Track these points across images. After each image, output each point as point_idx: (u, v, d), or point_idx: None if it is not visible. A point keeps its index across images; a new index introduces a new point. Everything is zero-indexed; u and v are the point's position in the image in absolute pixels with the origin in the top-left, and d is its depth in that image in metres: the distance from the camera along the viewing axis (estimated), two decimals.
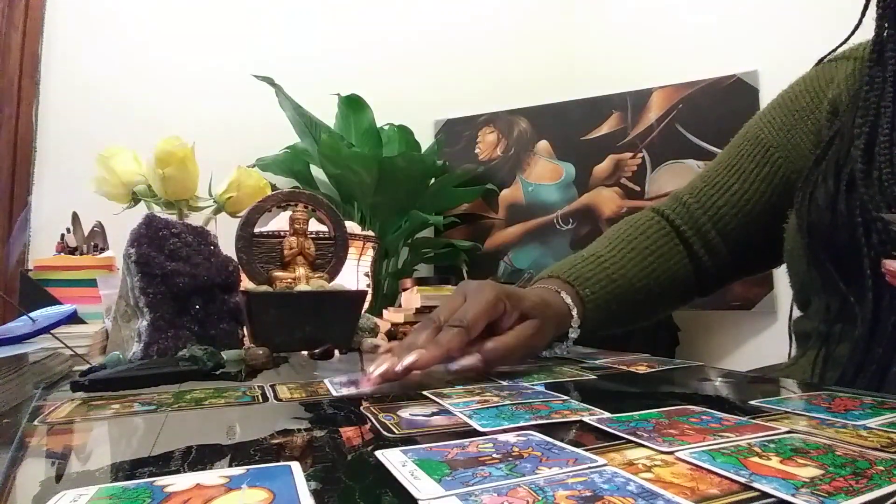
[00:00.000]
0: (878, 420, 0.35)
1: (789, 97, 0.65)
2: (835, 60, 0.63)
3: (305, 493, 0.23)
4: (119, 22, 1.64)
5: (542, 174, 1.72)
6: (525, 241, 1.72)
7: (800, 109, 0.62)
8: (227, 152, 1.26)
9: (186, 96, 1.67)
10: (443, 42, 2.01)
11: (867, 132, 0.51)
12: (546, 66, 2.07)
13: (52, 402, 0.43)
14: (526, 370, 0.56)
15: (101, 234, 0.94)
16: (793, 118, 0.62)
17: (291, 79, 1.58)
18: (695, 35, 1.77)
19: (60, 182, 1.51)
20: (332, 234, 0.77)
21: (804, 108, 0.62)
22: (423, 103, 1.90)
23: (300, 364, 0.64)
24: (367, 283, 1.04)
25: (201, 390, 0.46)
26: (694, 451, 0.28)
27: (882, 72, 0.52)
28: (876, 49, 0.53)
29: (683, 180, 1.57)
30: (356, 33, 1.91)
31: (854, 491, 0.23)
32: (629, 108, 1.62)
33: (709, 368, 0.62)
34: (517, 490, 0.23)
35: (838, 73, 0.61)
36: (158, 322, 0.61)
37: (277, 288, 0.71)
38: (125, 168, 0.96)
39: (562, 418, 0.36)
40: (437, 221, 1.67)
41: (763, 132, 0.64)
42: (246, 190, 1.00)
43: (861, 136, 0.52)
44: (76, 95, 1.57)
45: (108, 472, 0.28)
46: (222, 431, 0.36)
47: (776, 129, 0.63)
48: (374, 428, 0.35)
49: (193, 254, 0.65)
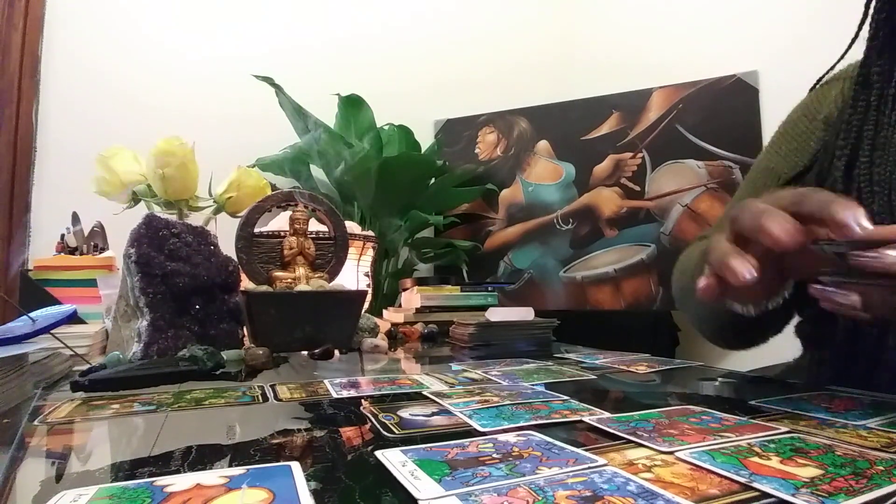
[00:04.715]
0: (878, 420, 0.35)
1: (789, 125, 0.67)
2: (826, 83, 0.64)
3: (305, 493, 0.23)
4: (119, 22, 1.64)
5: (542, 174, 1.72)
6: (525, 241, 1.71)
7: (800, 134, 0.63)
8: (227, 152, 1.25)
9: (186, 96, 1.67)
10: (443, 42, 2.01)
11: (848, 153, 0.53)
12: (546, 66, 2.07)
13: (52, 402, 0.43)
14: (526, 370, 0.56)
15: (101, 234, 0.94)
16: (796, 143, 0.63)
17: (291, 79, 1.58)
18: (695, 35, 1.77)
19: (60, 182, 1.51)
20: (332, 234, 0.77)
21: (803, 131, 0.63)
22: (423, 103, 1.90)
23: (300, 364, 0.64)
24: (367, 283, 1.04)
25: (201, 390, 0.46)
26: (694, 451, 0.28)
27: (867, 95, 0.53)
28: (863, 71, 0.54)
29: (683, 180, 1.59)
30: (356, 33, 1.91)
31: (854, 491, 0.23)
32: (629, 108, 1.62)
33: (709, 368, 0.62)
34: (517, 490, 0.23)
35: (829, 95, 0.63)
36: (158, 322, 0.61)
37: (277, 288, 0.71)
38: (125, 168, 0.96)
39: (562, 418, 0.36)
40: (437, 221, 1.67)
41: (772, 162, 0.66)
42: (246, 190, 1.00)
43: (842, 157, 0.53)
44: (76, 95, 1.57)
45: (108, 472, 0.28)
46: (222, 431, 0.36)
47: (783, 156, 0.65)
48: (374, 428, 0.35)
49: (193, 254, 0.65)
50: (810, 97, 0.65)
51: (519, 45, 2.09)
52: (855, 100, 0.54)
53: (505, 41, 2.08)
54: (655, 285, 1.52)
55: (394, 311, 1.13)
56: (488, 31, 2.07)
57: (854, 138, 0.53)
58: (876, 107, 0.52)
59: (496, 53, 2.05)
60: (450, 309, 1.08)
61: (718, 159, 1.49)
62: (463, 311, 1.07)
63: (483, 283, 1.22)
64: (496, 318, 0.84)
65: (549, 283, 1.66)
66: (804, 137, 0.62)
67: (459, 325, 0.87)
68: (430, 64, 1.97)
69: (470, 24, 2.06)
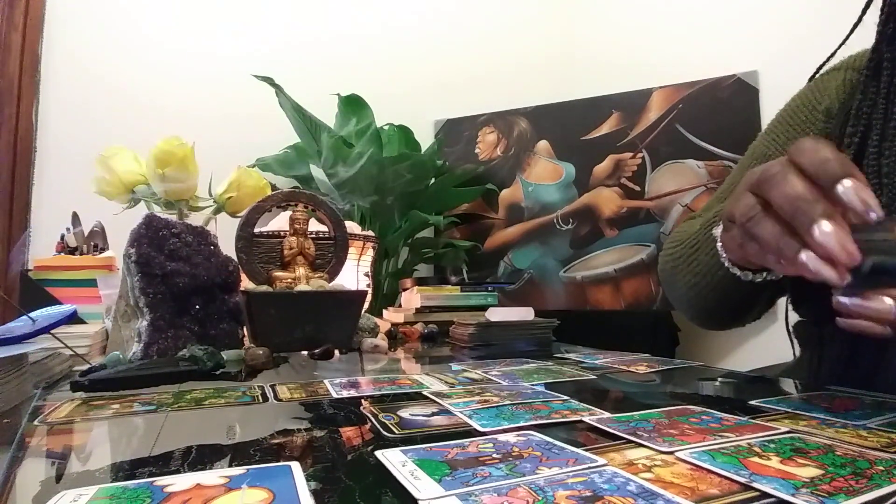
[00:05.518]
0: (878, 420, 0.35)
1: (787, 113, 0.66)
2: (826, 73, 0.64)
3: (305, 493, 0.23)
4: (119, 21, 1.64)
5: (542, 174, 1.72)
6: (525, 241, 1.72)
7: (799, 123, 0.63)
8: (227, 152, 1.25)
9: (187, 96, 1.67)
10: (443, 42, 2.01)
11: (857, 142, 0.52)
12: (546, 66, 2.07)
13: (52, 402, 0.43)
14: (526, 370, 0.56)
15: (101, 234, 0.94)
16: (794, 132, 0.63)
17: (291, 79, 1.58)
18: (695, 35, 1.77)
19: (60, 182, 1.51)
20: (332, 234, 0.77)
21: (803, 121, 0.63)
22: (423, 103, 1.90)
23: (300, 364, 0.64)
24: (367, 283, 1.04)
25: (201, 390, 0.46)
26: (694, 451, 0.28)
27: (877, 84, 0.52)
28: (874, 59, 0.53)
29: (684, 180, 1.59)
30: (356, 33, 1.91)
31: (854, 491, 0.23)
32: (629, 108, 1.62)
33: (709, 368, 0.62)
34: (517, 490, 0.23)
35: (830, 85, 0.62)
36: (158, 322, 0.61)
37: (277, 288, 0.71)
38: (125, 168, 0.96)
39: (562, 418, 0.36)
40: (437, 221, 1.67)
41: (769, 149, 0.65)
42: (246, 190, 1.00)
43: (851, 146, 0.52)
44: (76, 95, 1.57)
45: (108, 472, 0.28)
46: (222, 431, 0.36)
47: (780, 144, 0.64)
48: (374, 428, 0.35)
49: (193, 254, 0.65)
50: (810, 87, 0.65)
51: (519, 45, 2.08)
52: (866, 87, 0.52)
53: (505, 41, 2.08)
54: (655, 285, 1.52)
55: (394, 311, 1.13)
56: (488, 31, 2.07)
57: (864, 127, 0.51)
58: (885, 95, 0.51)
59: (496, 53, 2.05)
60: (450, 309, 1.08)
61: (718, 159, 1.49)
62: (463, 311, 1.07)
63: (483, 283, 1.22)
64: (496, 318, 0.84)
65: (549, 283, 1.66)
66: (803, 128, 0.62)
67: (459, 325, 0.87)
68: (430, 64, 1.97)
69: (470, 24, 2.06)
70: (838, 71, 0.61)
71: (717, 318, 0.66)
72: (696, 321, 0.69)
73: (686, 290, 0.63)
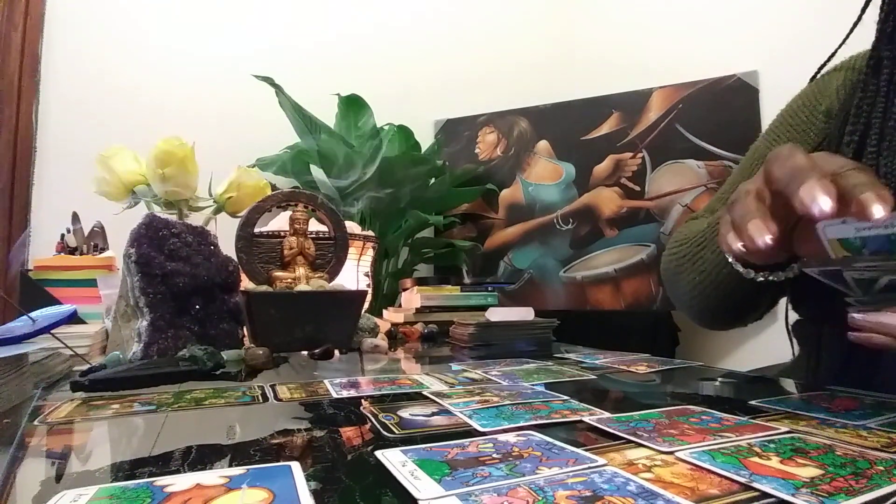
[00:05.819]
0: (878, 420, 0.35)
1: (788, 114, 0.66)
2: (827, 74, 0.64)
3: (305, 493, 0.23)
4: (119, 22, 1.64)
5: (542, 174, 1.72)
6: (525, 241, 1.72)
7: (799, 124, 0.63)
8: (227, 152, 1.25)
9: (186, 96, 1.67)
10: (443, 42, 2.01)
11: (857, 140, 0.52)
12: (546, 66, 2.07)
13: (52, 402, 0.43)
14: (526, 370, 0.56)
15: (101, 234, 0.94)
16: (794, 132, 0.63)
17: (291, 79, 1.58)
18: (695, 35, 1.77)
19: (60, 182, 1.51)
20: (332, 234, 0.77)
21: (803, 121, 0.63)
22: (423, 103, 1.90)
23: (300, 364, 0.64)
24: (367, 283, 1.04)
25: (201, 390, 0.46)
26: (694, 451, 0.28)
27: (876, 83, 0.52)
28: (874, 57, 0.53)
29: (684, 180, 1.59)
30: (356, 33, 1.91)
31: (854, 491, 0.23)
32: (629, 108, 1.62)
33: (709, 368, 0.62)
34: (517, 490, 0.23)
35: (830, 85, 0.62)
36: (158, 322, 0.61)
37: (277, 288, 0.71)
38: (125, 168, 0.96)
39: (562, 418, 0.36)
40: (437, 221, 1.67)
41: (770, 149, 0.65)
42: (246, 190, 1.00)
43: (851, 146, 0.52)
44: (76, 95, 1.57)
45: (108, 472, 0.28)
46: (222, 431, 0.36)
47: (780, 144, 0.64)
48: (374, 428, 0.35)
49: (193, 254, 0.65)
50: (811, 87, 0.65)
51: (519, 45, 2.09)
52: (865, 85, 0.52)
53: (505, 41, 2.08)
54: (655, 285, 1.52)
55: (394, 311, 1.13)
56: (488, 31, 2.07)
57: (863, 125, 0.51)
58: (885, 93, 0.51)
59: (496, 53, 2.05)
60: (450, 309, 1.08)
61: (718, 159, 1.49)
62: (463, 311, 1.07)
63: (483, 282, 1.22)
64: (496, 318, 0.84)
65: (549, 283, 1.66)
66: (804, 129, 0.62)
67: (459, 325, 0.87)
68: (430, 64, 1.97)
69: (470, 24, 2.06)
70: (839, 71, 0.61)
71: (719, 318, 0.66)
72: (699, 321, 0.69)
73: (690, 288, 0.64)
